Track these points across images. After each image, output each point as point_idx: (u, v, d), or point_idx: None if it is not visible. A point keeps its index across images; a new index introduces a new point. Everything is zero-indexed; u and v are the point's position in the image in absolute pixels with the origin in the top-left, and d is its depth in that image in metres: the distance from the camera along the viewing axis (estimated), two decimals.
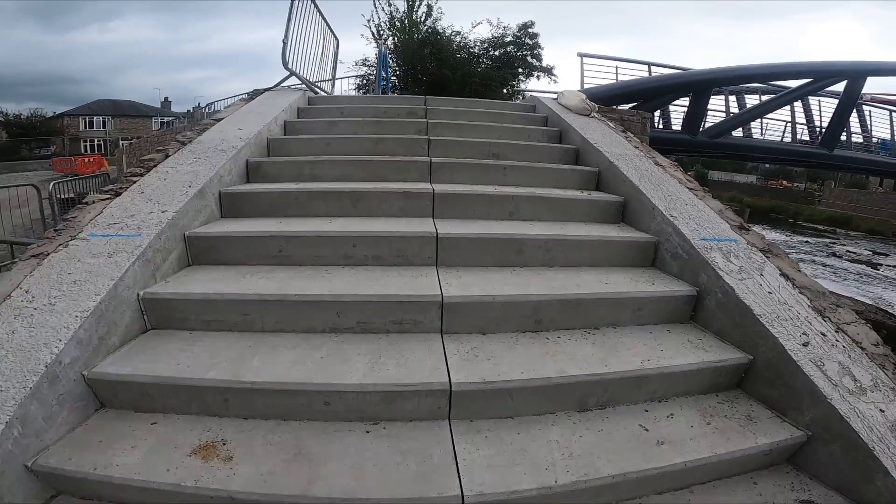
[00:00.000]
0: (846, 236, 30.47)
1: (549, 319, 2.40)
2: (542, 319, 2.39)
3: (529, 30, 17.00)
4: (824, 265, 21.79)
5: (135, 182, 2.93)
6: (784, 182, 47.62)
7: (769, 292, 2.30)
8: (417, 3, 16.85)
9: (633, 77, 9.56)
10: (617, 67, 9.59)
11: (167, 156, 3.41)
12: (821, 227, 32.39)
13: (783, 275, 2.46)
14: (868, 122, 13.11)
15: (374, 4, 17.08)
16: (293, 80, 5.34)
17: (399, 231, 2.81)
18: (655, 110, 9.35)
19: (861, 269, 21.41)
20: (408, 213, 3.20)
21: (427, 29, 16.84)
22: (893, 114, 13.50)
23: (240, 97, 5.58)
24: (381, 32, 17.38)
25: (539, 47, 17.18)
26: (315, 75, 6.14)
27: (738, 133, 10.72)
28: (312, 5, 5.44)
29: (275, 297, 2.30)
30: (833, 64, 10.19)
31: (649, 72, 9.93)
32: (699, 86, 9.48)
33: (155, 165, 3.19)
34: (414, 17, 16.94)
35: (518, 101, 5.78)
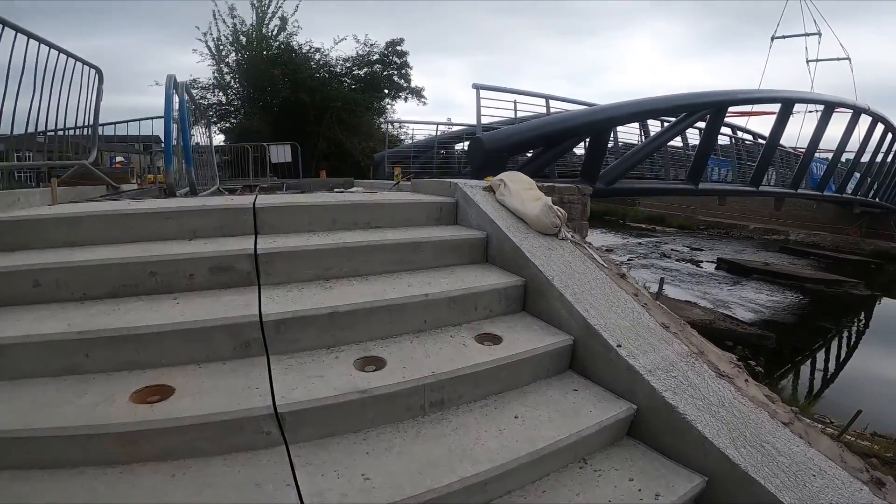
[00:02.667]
0: (664, 233, 32.99)
1: None
2: None
3: (398, 47, 14.39)
4: (662, 269, 22.65)
5: None
6: None
7: None
8: (269, 15, 13.14)
9: (532, 114, 7.51)
10: (515, 102, 7.44)
11: None
12: (644, 226, 34.83)
13: None
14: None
15: (214, 15, 12.92)
16: None
17: None
18: (557, 159, 7.43)
19: (690, 269, 22.57)
20: None
21: (280, 45, 13.09)
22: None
23: None
24: (221, 48, 13.30)
25: (408, 66, 14.66)
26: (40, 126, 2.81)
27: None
28: None
29: None
30: (701, 95, 9.50)
31: (547, 108, 7.94)
32: (600, 126, 7.77)
33: None
34: (264, 30, 13.10)
35: (436, 198, 3.11)
